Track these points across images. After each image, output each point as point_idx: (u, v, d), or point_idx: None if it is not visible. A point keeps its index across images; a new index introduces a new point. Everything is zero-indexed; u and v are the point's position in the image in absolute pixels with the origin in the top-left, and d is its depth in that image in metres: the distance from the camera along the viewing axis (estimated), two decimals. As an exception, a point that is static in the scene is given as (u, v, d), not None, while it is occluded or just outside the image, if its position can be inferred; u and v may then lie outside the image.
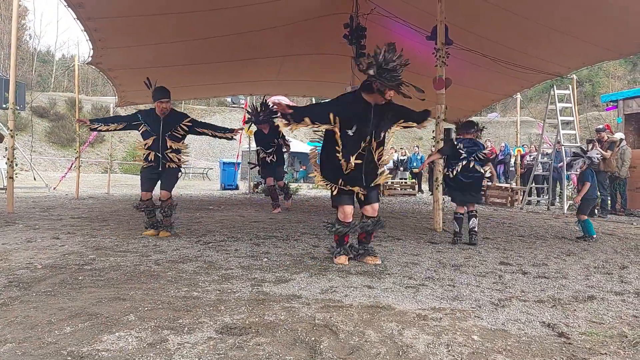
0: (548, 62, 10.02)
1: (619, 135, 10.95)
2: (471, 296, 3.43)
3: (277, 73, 13.08)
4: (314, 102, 41.44)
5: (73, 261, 4.31)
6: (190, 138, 8.41)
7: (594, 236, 6.47)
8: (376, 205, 4.71)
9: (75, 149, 14.72)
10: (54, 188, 13.73)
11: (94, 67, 10.69)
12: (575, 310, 3.17)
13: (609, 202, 10.90)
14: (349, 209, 4.61)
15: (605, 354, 2.44)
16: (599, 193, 10.47)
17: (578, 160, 6.82)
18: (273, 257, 4.71)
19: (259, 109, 9.21)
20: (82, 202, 10.37)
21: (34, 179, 13.86)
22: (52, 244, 5.17)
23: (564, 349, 2.50)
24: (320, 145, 4.92)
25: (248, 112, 9.66)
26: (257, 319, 2.80)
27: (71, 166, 15.52)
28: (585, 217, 6.59)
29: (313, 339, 2.51)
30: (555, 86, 12.27)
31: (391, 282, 3.81)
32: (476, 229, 5.94)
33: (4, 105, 11.17)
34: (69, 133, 28.78)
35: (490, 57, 9.51)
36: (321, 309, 3.01)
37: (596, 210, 10.41)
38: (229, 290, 3.42)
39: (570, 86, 12.04)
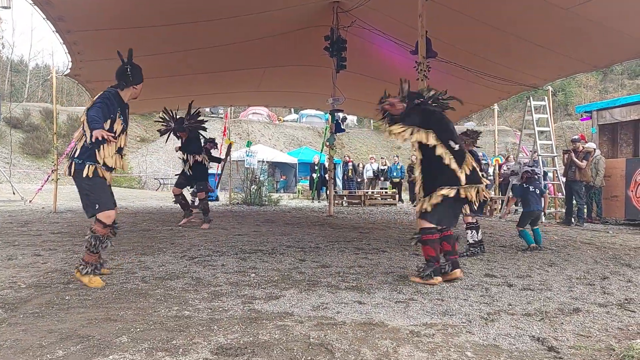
0: (525, 73, 10.25)
1: (591, 145, 11.24)
2: (461, 310, 3.48)
3: (258, 84, 13.10)
4: (292, 112, 41.50)
5: (57, 279, 4.23)
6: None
7: (532, 245, 6.58)
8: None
9: (51, 160, 14.46)
10: (30, 201, 13.46)
11: (72, 79, 10.59)
12: (562, 323, 3.23)
13: (585, 210, 11.15)
14: None
15: (595, 367, 2.51)
16: (574, 202, 10.74)
17: (518, 174, 7.06)
18: (261, 273, 4.70)
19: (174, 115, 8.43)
20: (61, 215, 10.19)
21: (13, 193, 13.56)
22: (34, 261, 5.08)
23: (555, 363, 2.56)
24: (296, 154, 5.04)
25: (163, 118, 8.53)
26: (251, 339, 2.79)
27: (47, 178, 15.24)
28: (521, 229, 6.74)
29: (310, 358, 2.52)
30: (531, 97, 12.54)
31: (381, 297, 3.83)
32: None
33: (-21, 118, 10.94)
34: (44, 144, 28.24)
35: (469, 69, 9.69)
36: (315, 327, 3.02)
37: (573, 219, 10.65)
38: (220, 309, 3.40)
39: (545, 97, 12.31)
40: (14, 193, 13.57)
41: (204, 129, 8.64)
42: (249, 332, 2.91)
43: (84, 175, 3.96)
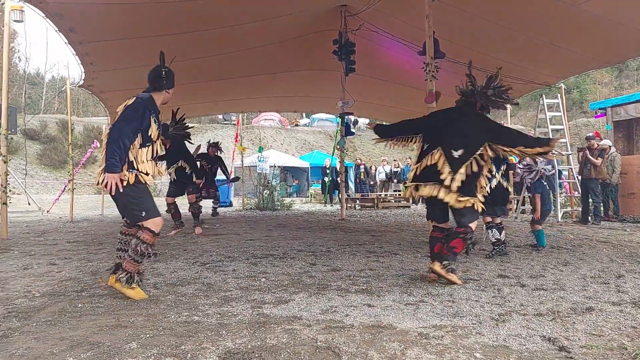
0: (537, 72, 10.17)
1: (606, 142, 11.10)
2: (471, 312, 3.45)
3: (268, 90, 13.16)
4: (304, 117, 41.60)
5: (71, 287, 4.29)
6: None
7: (544, 247, 6.51)
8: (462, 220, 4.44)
9: (67, 171, 14.68)
10: (47, 211, 13.65)
11: (86, 89, 10.74)
12: (574, 322, 3.19)
13: (602, 209, 10.99)
14: None
15: (607, 367, 2.47)
16: (590, 200, 10.60)
17: (531, 173, 6.97)
18: (271, 277, 4.71)
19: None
20: (77, 225, 10.32)
21: (29, 203, 13.78)
22: (49, 270, 5.15)
23: (565, 363, 2.52)
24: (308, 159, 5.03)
25: None
26: (259, 343, 2.80)
27: (64, 188, 15.45)
28: (540, 228, 6.63)
29: (316, 362, 2.52)
30: (544, 95, 12.42)
31: (391, 299, 3.82)
32: None
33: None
34: (61, 155, 28.64)
35: (479, 68, 9.62)
36: (323, 330, 3.02)
37: (590, 218, 10.50)
38: (229, 314, 3.42)
39: (559, 95, 12.18)
40: (29, 203, 13.79)
41: (188, 136, 8.36)
42: (257, 336, 2.92)
43: (125, 183, 3.76)
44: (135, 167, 3.85)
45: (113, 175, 3.70)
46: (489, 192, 6.05)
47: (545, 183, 6.80)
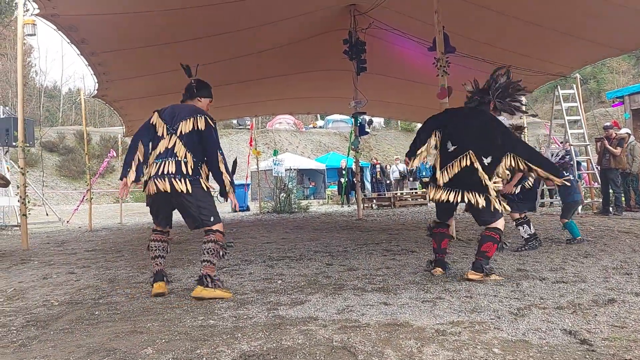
0: (550, 62, 10.02)
1: (625, 131, 10.88)
2: (489, 307, 3.39)
3: (280, 92, 13.17)
4: (318, 118, 41.60)
5: (89, 295, 4.32)
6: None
7: (579, 238, 6.31)
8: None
9: (86, 181, 14.88)
10: (67, 222, 13.83)
11: (100, 99, 10.87)
12: (596, 315, 3.12)
13: (623, 199, 10.77)
14: None
15: (630, 359, 2.40)
16: (611, 191, 10.40)
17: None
18: (287, 279, 4.70)
19: None
20: (96, 234, 10.43)
21: (47, 214, 13.98)
22: (68, 279, 5.20)
23: (587, 356, 2.46)
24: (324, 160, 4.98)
25: None
26: (274, 345, 2.78)
27: (83, 199, 15.66)
28: (566, 220, 6.47)
29: (332, 362, 2.49)
30: (559, 86, 12.24)
31: (407, 297, 3.77)
32: None
33: (14, 143, 11.36)
34: (79, 166, 29.08)
35: (491, 61, 9.51)
36: (338, 330, 2.99)
37: (611, 208, 10.31)
38: (245, 316, 3.40)
39: (574, 85, 11.99)
40: (47, 214, 14.01)
41: None
42: (273, 338, 2.90)
43: (202, 190, 4.04)
44: (205, 177, 4.16)
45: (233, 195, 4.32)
46: (522, 191, 6.03)
47: (567, 174, 6.67)
